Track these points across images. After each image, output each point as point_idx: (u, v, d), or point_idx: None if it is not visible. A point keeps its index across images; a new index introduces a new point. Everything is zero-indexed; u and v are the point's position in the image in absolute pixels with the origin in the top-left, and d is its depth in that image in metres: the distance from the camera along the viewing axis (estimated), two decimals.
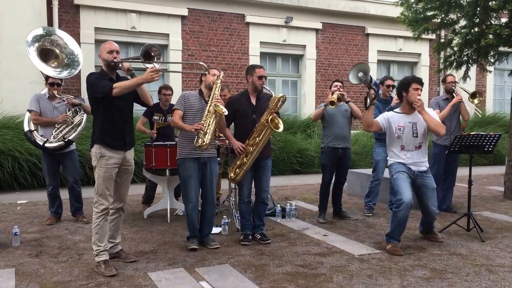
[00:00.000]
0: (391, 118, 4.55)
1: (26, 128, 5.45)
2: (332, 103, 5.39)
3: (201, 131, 4.24)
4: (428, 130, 4.51)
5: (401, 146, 4.50)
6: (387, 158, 4.70)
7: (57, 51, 5.29)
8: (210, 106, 4.35)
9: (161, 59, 3.92)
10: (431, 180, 4.55)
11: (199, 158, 4.44)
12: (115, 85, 3.68)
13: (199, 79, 4.75)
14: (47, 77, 5.38)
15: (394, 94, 5.95)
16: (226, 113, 4.38)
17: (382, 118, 4.61)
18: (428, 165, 4.59)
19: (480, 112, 6.13)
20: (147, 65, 3.77)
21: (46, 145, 5.30)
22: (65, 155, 5.50)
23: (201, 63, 4.44)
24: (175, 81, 10.33)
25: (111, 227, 4.02)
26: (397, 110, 4.65)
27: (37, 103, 5.35)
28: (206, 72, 4.46)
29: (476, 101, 6.05)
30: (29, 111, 5.39)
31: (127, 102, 3.97)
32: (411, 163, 4.48)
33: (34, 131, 5.37)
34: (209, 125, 4.30)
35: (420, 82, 4.51)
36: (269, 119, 4.46)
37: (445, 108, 5.93)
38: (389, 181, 6.17)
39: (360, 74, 4.60)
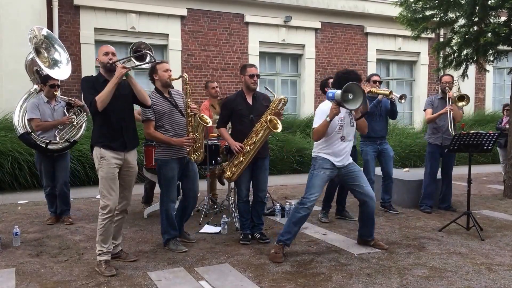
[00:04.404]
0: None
1: (21, 131, 5.31)
2: None
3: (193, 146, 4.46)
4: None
5: (341, 137, 4.28)
6: (313, 150, 4.40)
7: (46, 54, 5.36)
8: (191, 118, 4.46)
9: (151, 53, 4.00)
10: (355, 165, 4.41)
11: (183, 158, 4.46)
12: (96, 98, 3.72)
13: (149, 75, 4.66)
14: (45, 80, 5.30)
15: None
16: (210, 123, 4.69)
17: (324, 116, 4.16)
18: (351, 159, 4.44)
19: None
20: (138, 63, 3.99)
21: (49, 146, 5.24)
22: (60, 156, 5.44)
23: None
24: (174, 82, 10.30)
25: (113, 228, 4.02)
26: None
27: (37, 109, 5.20)
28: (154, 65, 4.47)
29: (460, 104, 5.99)
30: (30, 120, 5.23)
31: (124, 103, 3.96)
32: (344, 156, 4.27)
33: (32, 133, 5.28)
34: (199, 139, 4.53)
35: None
36: (268, 119, 4.45)
37: (434, 114, 6.03)
38: (390, 180, 6.23)
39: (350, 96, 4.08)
